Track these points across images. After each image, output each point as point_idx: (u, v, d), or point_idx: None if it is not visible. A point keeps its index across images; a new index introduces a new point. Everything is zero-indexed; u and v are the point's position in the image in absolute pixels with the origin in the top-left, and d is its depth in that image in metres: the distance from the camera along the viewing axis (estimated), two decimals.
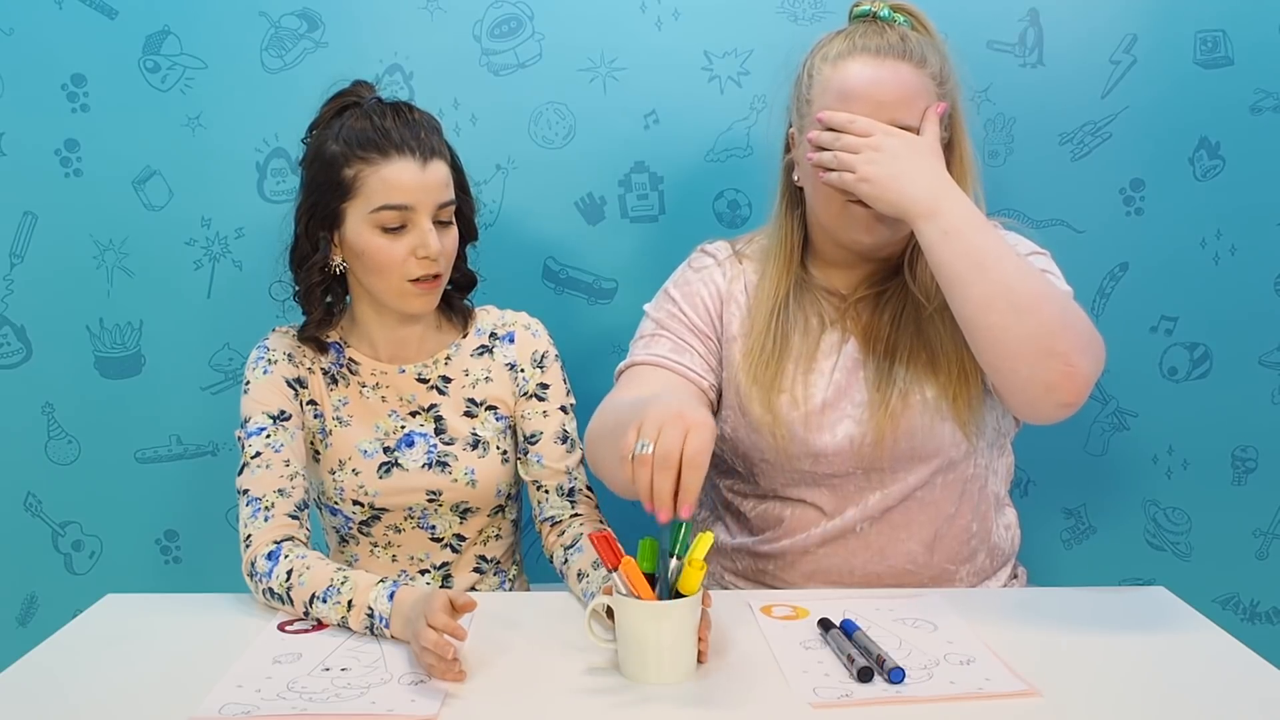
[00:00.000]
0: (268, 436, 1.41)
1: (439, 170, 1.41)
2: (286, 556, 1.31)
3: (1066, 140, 1.84)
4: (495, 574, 1.57)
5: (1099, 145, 1.84)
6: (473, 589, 1.55)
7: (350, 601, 1.24)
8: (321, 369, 1.50)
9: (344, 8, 1.82)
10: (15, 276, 1.88)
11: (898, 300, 1.43)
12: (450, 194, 1.43)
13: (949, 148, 1.40)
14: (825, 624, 1.22)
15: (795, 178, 1.44)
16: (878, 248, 1.41)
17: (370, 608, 1.22)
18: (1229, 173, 1.84)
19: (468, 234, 1.51)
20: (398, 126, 1.39)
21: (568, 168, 1.85)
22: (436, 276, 1.42)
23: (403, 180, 1.38)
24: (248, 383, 1.46)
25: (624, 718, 1.05)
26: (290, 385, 1.46)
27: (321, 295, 1.46)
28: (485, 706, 1.07)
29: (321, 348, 1.50)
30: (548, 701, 1.08)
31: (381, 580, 1.25)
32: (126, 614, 1.34)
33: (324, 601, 1.25)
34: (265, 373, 1.46)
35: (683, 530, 1.12)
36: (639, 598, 1.10)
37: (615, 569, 1.11)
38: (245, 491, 1.38)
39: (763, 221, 1.54)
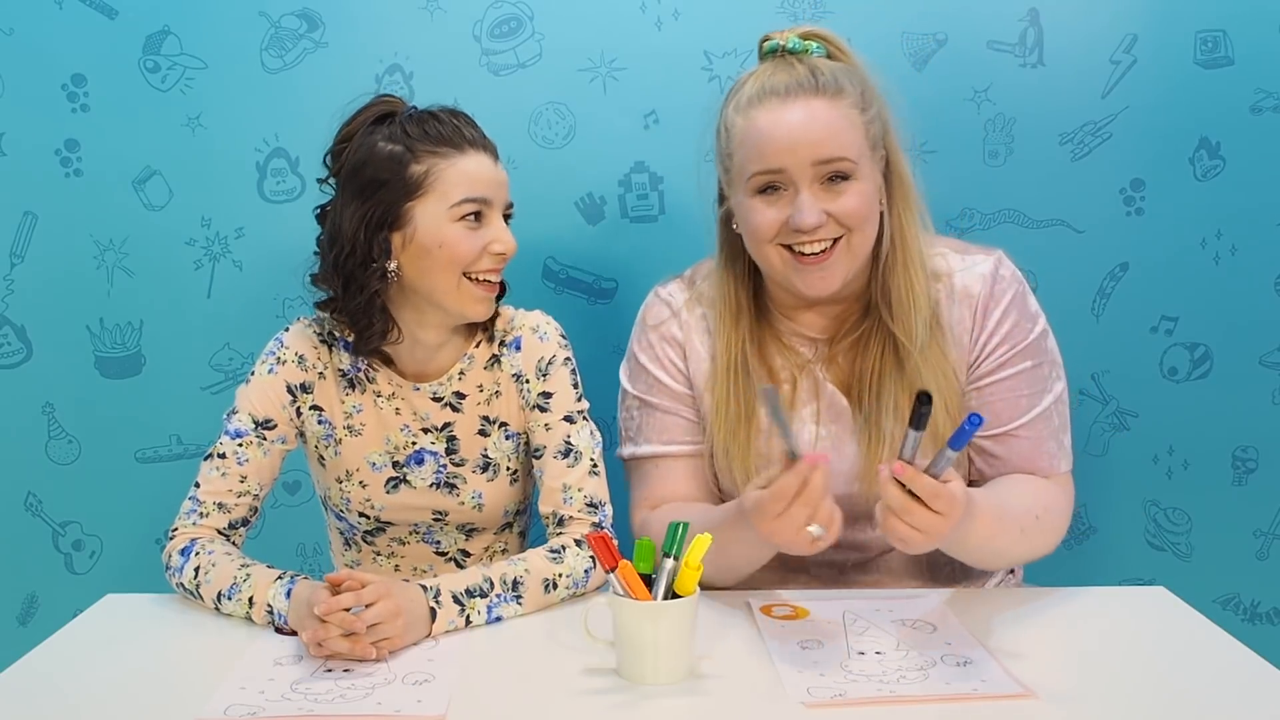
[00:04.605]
0: (240, 445, 1.40)
1: (503, 170, 1.41)
2: (197, 554, 1.34)
3: (1066, 140, 1.84)
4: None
5: (1099, 145, 1.84)
6: None
7: (251, 599, 1.26)
8: (340, 370, 1.46)
9: (344, 8, 1.82)
10: (15, 276, 1.88)
11: (878, 340, 1.38)
12: (507, 191, 1.41)
13: (885, 169, 1.35)
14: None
15: (734, 226, 1.38)
16: (839, 292, 1.35)
17: (269, 605, 1.25)
18: (1229, 173, 1.84)
19: None
20: (465, 125, 1.38)
21: (568, 168, 1.85)
22: (499, 281, 1.40)
23: (482, 173, 1.36)
24: (253, 372, 1.44)
25: (622, 718, 1.05)
26: (290, 391, 1.43)
27: (381, 304, 1.39)
28: (489, 707, 1.07)
29: (381, 359, 1.45)
30: (547, 702, 1.08)
31: (279, 577, 1.27)
32: (126, 614, 1.35)
33: (229, 599, 1.28)
34: (270, 371, 1.43)
35: (679, 531, 1.12)
36: (635, 599, 1.10)
37: (612, 570, 1.10)
38: (197, 484, 1.40)
39: None
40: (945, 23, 1.82)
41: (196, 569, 1.32)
